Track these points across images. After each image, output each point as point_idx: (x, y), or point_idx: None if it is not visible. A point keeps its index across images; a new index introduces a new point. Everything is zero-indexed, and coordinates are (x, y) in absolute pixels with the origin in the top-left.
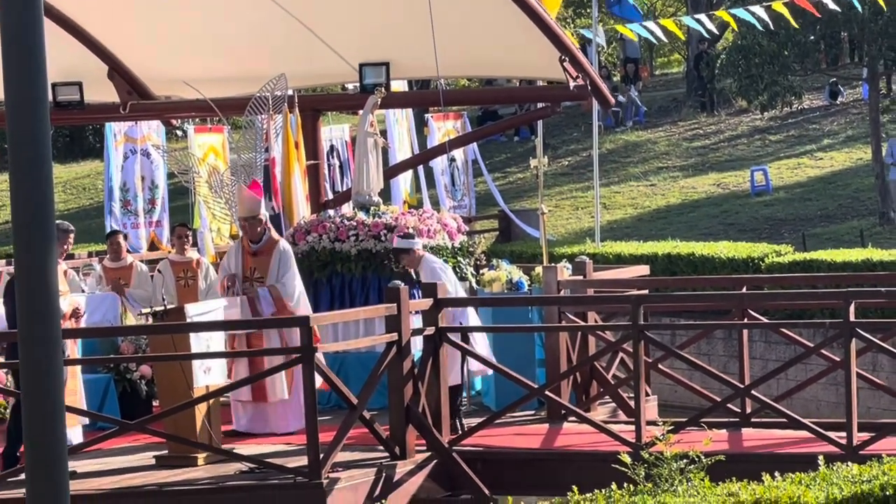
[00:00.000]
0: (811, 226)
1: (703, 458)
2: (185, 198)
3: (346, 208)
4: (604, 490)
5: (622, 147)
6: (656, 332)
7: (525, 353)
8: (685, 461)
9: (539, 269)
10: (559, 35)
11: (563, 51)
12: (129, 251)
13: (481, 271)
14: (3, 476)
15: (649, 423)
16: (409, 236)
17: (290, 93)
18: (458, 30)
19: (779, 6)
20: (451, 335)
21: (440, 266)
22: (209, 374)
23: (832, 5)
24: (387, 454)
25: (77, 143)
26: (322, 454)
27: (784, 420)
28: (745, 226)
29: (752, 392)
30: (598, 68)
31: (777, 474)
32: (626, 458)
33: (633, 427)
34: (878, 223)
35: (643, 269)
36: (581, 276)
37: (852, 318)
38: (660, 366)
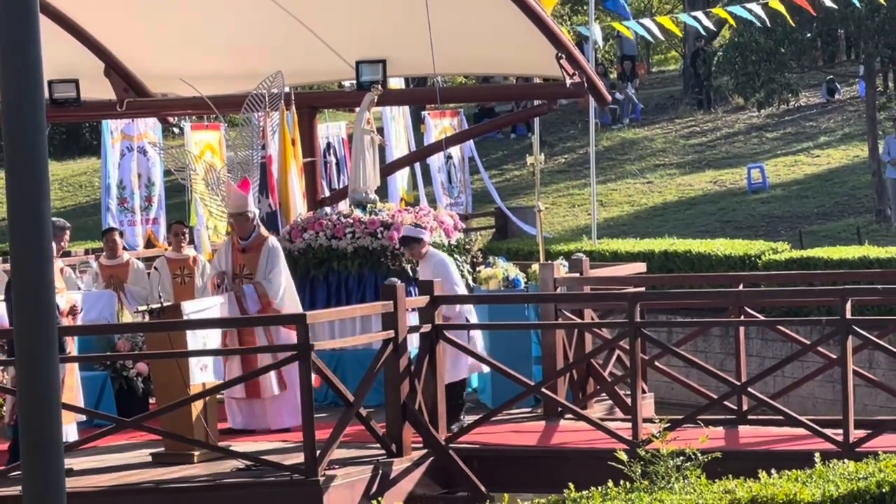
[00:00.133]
0: (808, 223)
1: (699, 455)
2: (181, 195)
3: (343, 205)
4: (600, 487)
5: (619, 144)
6: (653, 330)
7: (521, 351)
8: (682, 458)
9: (536, 267)
10: (556, 32)
11: (560, 48)
12: (125, 248)
13: (478, 269)
14: (5, 471)
15: (646, 420)
16: (418, 226)
17: (287, 90)
18: (454, 27)
19: (776, 3)
20: (450, 333)
21: (446, 259)
22: (205, 372)
23: (829, 2)
24: (383, 451)
25: (74, 141)
26: (318, 451)
27: (780, 417)
28: (741, 223)
29: (749, 389)
30: (595, 65)
31: (773, 471)
32: (623, 456)
33: (629, 424)
34: (875, 221)
35: (640, 267)
36: (577, 274)
37: (849, 315)
38: (656, 363)
